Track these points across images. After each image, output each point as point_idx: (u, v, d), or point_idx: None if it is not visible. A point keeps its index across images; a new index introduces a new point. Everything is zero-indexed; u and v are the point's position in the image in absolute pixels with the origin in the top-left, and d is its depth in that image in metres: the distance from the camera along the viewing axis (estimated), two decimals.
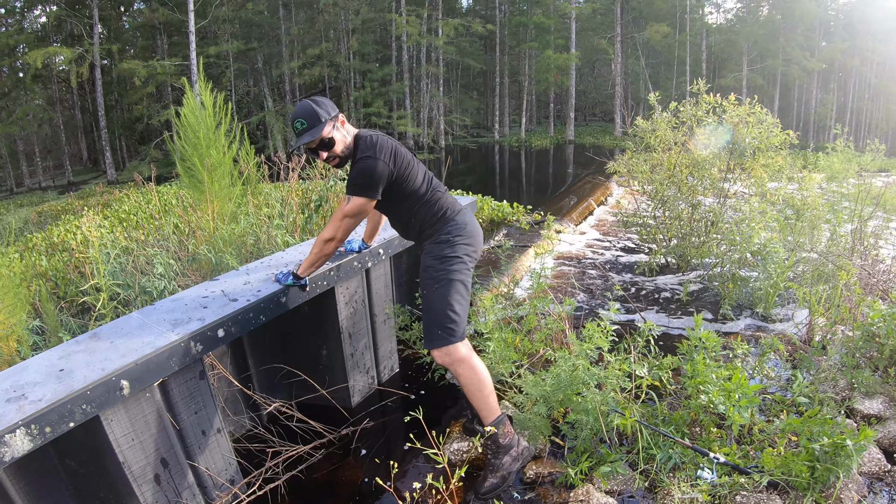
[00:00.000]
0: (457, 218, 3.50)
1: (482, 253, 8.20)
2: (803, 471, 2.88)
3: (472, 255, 3.47)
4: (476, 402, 3.28)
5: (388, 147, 3.30)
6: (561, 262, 8.40)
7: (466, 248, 3.44)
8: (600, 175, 16.00)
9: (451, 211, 3.52)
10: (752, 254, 6.24)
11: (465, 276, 3.39)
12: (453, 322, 3.26)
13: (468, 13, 45.60)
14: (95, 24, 27.18)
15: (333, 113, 3.32)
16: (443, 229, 3.47)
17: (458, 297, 3.31)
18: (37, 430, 2.25)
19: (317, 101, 3.30)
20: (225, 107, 5.95)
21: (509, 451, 3.24)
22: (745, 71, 38.86)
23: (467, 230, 3.49)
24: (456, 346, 3.24)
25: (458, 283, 3.34)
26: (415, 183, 3.43)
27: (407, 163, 3.38)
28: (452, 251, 3.39)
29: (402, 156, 3.36)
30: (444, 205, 3.51)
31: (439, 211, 3.49)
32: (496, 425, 3.23)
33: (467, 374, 3.25)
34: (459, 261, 3.38)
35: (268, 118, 31.64)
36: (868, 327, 4.25)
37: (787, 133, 7.05)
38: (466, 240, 3.46)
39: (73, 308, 5.32)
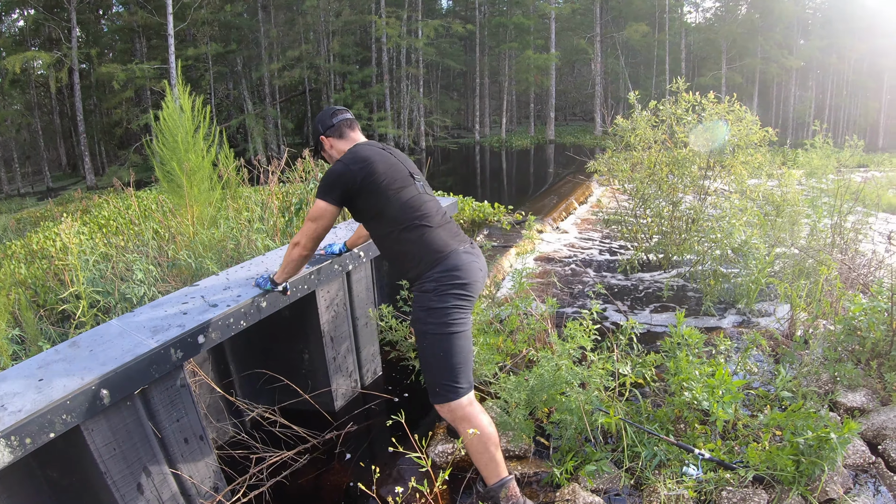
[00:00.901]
0: (447, 261, 3.06)
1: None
2: (788, 465, 2.91)
3: (465, 300, 3.06)
4: (478, 462, 3.02)
5: (364, 157, 3.12)
6: (543, 261, 8.42)
7: (457, 295, 3.04)
8: (581, 174, 16.07)
9: (441, 252, 3.08)
10: (733, 250, 6.29)
11: (458, 328, 3.01)
12: (450, 379, 2.98)
13: (448, 14, 45.61)
14: (74, 28, 26.93)
15: (322, 130, 3.38)
16: (429, 274, 3.08)
17: (452, 352, 2.99)
18: (17, 441, 2.22)
19: (319, 116, 3.42)
20: (203, 110, 5.92)
21: None
22: (724, 69, 39.16)
23: (459, 274, 3.05)
24: (458, 404, 2.97)
25: (450, 337, 2.99)
26: (390, 206, 3.11)
27: (384, 181, 3.09)
28: (440, 301, 3.01)
29: (379, 173, 3.09)
30: (432, 243, 3.09)
31: (426, 250, 3.09)
32: (499, 488, 2.98)
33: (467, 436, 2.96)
34: (447, 313, 3.00)
35: (248, 121, 31.48)
36: (849, 321, 4.30)
37: (766, 130, 7.11)
38: (457, 287, 3.04)
39: (52, 316, 5.27)
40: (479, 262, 3.19)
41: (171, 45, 25.10)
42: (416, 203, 3.14)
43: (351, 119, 3.42)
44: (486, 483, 3.02)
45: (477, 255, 3.22)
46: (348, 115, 3.42)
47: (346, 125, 3.38)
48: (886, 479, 3.20)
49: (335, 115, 3.39)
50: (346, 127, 3.38)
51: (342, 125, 3.37)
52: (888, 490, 3.13)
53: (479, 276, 3.15)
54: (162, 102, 5.75)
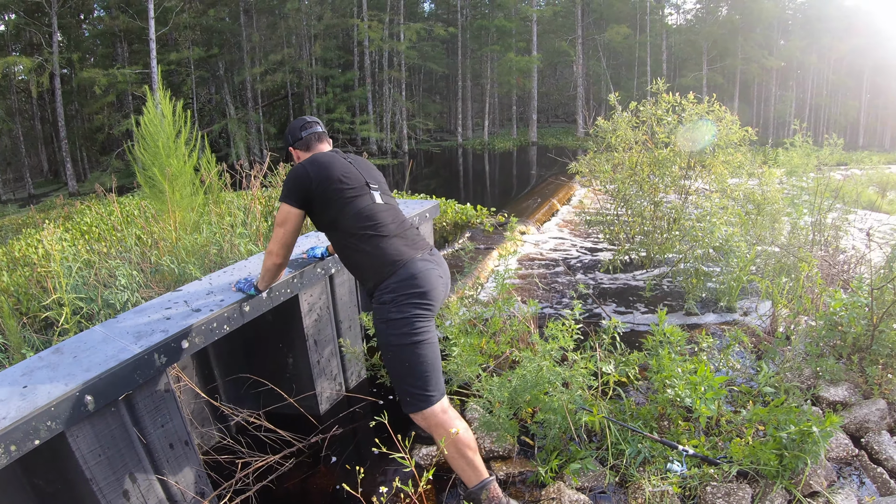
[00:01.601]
0: (402, 270, 3.06)
1: (447, 255, 8.24)
2: (772, 459, 2.94)
3: (425, 309, 3.05)
4: (457, 467, 3.04)
5: (321, 163, 3.20)
6: (525, 262, 8.45)
7: (416, 304, 3.03)
8: (563, 176, 16.14)
9: (396, 261, 3.08)
10: (714, 249, 6.34)
11: (420, 336, 3.00)
12: (419, 388, 3.00)
13: (430, 17, 45.73)
14: (55, 33, 26.72)
15: (291, 142, 3.53)
16: (385, 285, 3.08)
17: (418, 361, 3.00)
18: (2, 448, 2.20)
19: (290, 128, 3.55)
20: (185, 115, 5.91)
21: None
22: (704, 70, 39.46)
23: (416, 282, 3.05)
24: (431, 412, 3.00)
25: (413, 347, 2.99)
26: (343, 215, 3.15)
27: (337, 187, 3.14)
28: (398, 312, 3.01)
29: (333, 178, 3.15)
30: (385, 252, 3.10)
31: (380, 260, 3.10)
32: (479, 490, 3.00)
33: (445, 442, 2.98)
34: (407, 322, 3.00)
35: (230, 125, 31.35)
36: (830, 316, 4.35)
37: (746, 130, 7.18)
38: (415, 296, 3.04)
39: (35, 324, 5.24)
40: (438, 269, 3.19)
41: (153, 50, 24.98)
42: (369, 212, 3.16)
43: (319, 133, 3.52)
44: (467, 486, 3.05)
45: (436, 263, 3.21)
46: (317, 128, 3.52)
47: (314, 139, 3.49)
48: (870, 471, 3.25)
49: (304, 128, 3.49)
50: (313, 140, 3.48)
51: (310, 139, 3.48)
52: (872, 482, 3.18)
53: (438, 283, 3.14)
54: (143, 107, 5.73)
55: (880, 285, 4.24)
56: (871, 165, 22.17)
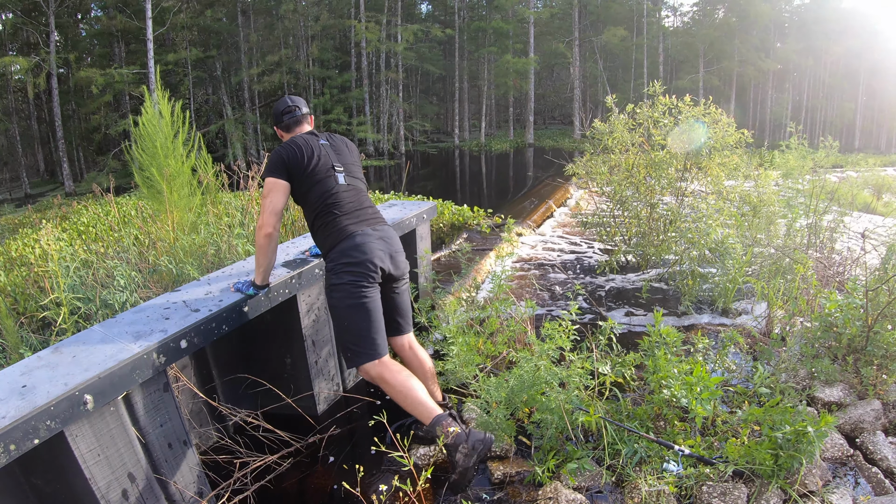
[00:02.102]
0: (343, 243, 3.54)
1: (444, 257, 8.26)
2: (767, 459, 2.96)
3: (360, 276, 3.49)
4: (409, 409, 3.43)
5: (297, 145, 3.65)
6: (522, 264, 8.47)
7: (351, 272, 3.47)
8: (560, 177, 16.14)
9: (341, 235, 3.56)
10: (710, 250, 6.36)
11: (356, 300, 3.46)
12: (355, 345, 3.49)
13: (427, 18, 45.74)
14: (52, 32, 26.64)
15: (276, 122, 4.00)
16: (330, 255, 3.60)
17: (354, 321, 3.47)
18: (1, 448, 2.21)
19: (275, 107, 4.00)
20: (183, 115, 5.92)
21: (457, 448, 3.26)
22: (701, 72, 39.52)
23: (353, 253, 3.51)
24: (370, 366, 3.48)
25: (349, 309, 3.47)
26: (311, 193, 3.65)
27: (308, 168, 3.61)
28: (337, 278, 3.50)
29: (305, 160, 3.61)
30: (336, 227, 3.59)
31: (330, 233, 3.61)
32: (433, 426, 3.33)
33: (387, 389, 3.48)
34: (343, 288, 3.47)
35: (227, 126, 31.32)
36: (826, 318, 4.37)
37: (742, 132, 7.21)
38: (350, 265, 3.48)
39: (33, 324, 5.23)
40: (378, 243, 3.60)
41: (150, 50, 24.94)
42: (330, 192, 3.64)
43: (299, 117, 3.96)
44: (424, 424, 3.42)
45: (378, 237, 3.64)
46: (297, 113, 3.95)
47: (294, 122, 3.95)
48: (865, 470, 3.27)
49: (285, 112, 3.95)
50: (293, 124, 3.95)
51: (290, 122, 3.94)
52: (867, 482, 3.20)
53: (376, 252, 3.55)
54: (141, 108, 5.74)
55: (875, 287, 4.27)
56: (866, 168, 22.20)
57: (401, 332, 3.92)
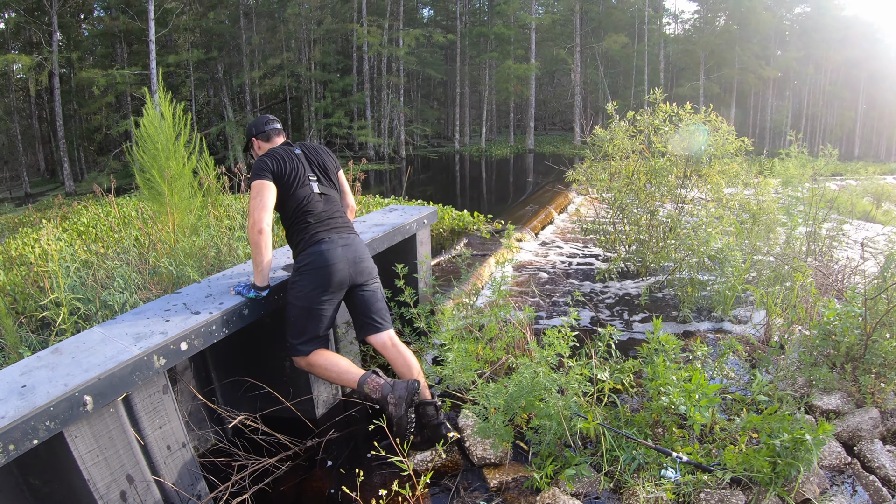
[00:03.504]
0: (309, 249, 3.79)
1: (444, 262, 8.26)
2: (765, 466, 2.96)
3: (317, 281, 3.75)
4: (336, 381, 3.84)
5: (278, 154, 3.89)
6: (522, 270, 8.47)
7: (310, 277, 3.74)
8: (560, 184, 16.13)
9: (309, 241, 3.81)
10: (709, 258, 6.36)
11: (307, 302, 3.75)
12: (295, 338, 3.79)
13: (429, 23, 45.80)
14: (55, 32, 26.66)
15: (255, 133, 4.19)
16: (297, 257, 3.87)
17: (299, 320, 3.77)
18: (0, 447, 2.23)
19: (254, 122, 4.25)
20: (185, 117, 5.92)
21: (387, 400, 3.52)
22: (702, 80, 39.60)
23: (315, 261, 3.75)
24: (300, 358, 3.83)
25: (300, 309, 3.76)
26: (288, 200, 3.87)
27: (286, 177, 3.83)
28: (299, 280, 3.78)
29: (284, 170, 3.84)
30: (306, 234, 3.83)
31: (300, 239, 3.86)
32: (361, 386, 3.64)
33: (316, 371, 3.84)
34: (300, 289, 3.76)
35: (228, 128, 31.31)
36: (824, 326, 4.38)
37: (743, 140, 7.22)
38: (311, 271, 3.74)
39: (32, 323, 5.23)
40: (341, 251, 3.82)
41: (153, 51, 25.00)
42: (304, 201, 3.88)
43: (278, 129, 4.22)
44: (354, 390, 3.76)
45: (343, 245, 3.85)
46: (277, 125, 4.22)
47: (274, 133, 4.18)
48: (862, 479, 3.27)
49: (267, 123, 4.18)
50: (273, 134, 4.17)
51: (271, 132, 4.16)
52: (864, 490, 3.20)
53: (338, 261, 3.78)
54: (143, 109, 5.74)
55: (874, 295, 4.27)
56: (866, 176, 22.27)
57: (379, 330, 4.00)
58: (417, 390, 3.56)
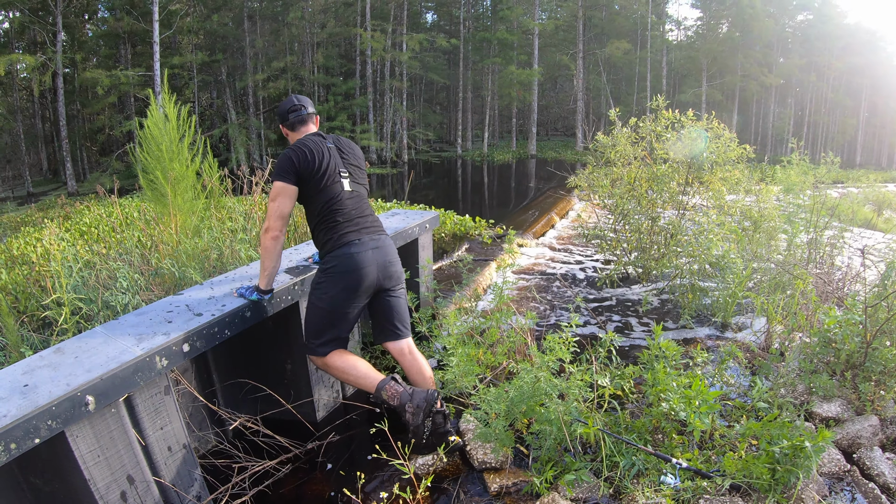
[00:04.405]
0: (338, 250, 3.68)
1: (446, 266, 8.27)
2: (764, 473, 2.97)
3: (346, 286, 3.68)
4: (354, 384, 3.80)
5: (308, 148, 3.70)
6: (523, 275, 8.48)
7: (337, 282, 3.67)
8: (562, 189, 16.15)
9: (338, 242, 3.69)
10: (710, 265, 6.37)
11: (330, 305, 3.70)
12: (314, 339, 3.75)
13: (432, 28, 45.85)
14: (59, 32, 26.66)
15: (281, 120, 4.05)
16: (325, 257, 3.76)
17: (320, 322, 3.74)
18: (2, 446, 2.21)
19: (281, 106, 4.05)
20: (189, 119, 5.94)
21: (404, 407, 3.50)
22: (704, 86, 39.62)
23: (344, 263, 3.66)
24: (317, 359, 3.80)
25: (322, 311, 3.72)
26: (317, 197, 3.73)
27: (316, 171, 3.67)
28: (326, 281, 3.70)
29: (312, 161, 3.67)
30: (335, 234, 3.70)
31: (328, 238, 3.73)
32: (379, 392, 3.63)
33: (333, 372, 3.79)
34: (326, 292, 3.69)
35: (231, 131, 31.32)
36: (825, 333, 4.38)
37: (744, 147, 7.23)
38: (339, 274, 3.66)
39: (33, 323, 5.24)
40: (371, 253, 3.72)
41: (157, 53, 25.02)
42: (334, 199, 3.73)
43: (304, 116, 3.99)
44: (372, 394, 3.72)
45: (374, 248, 3.75)
46: (303, 112, 3.98)
47: (299, 121, 3.97)
48: (861, 486, 3.28)
49: (291, 111, 3.97)
50: (298, 123, 3.97)
51: (295, 121, 3.96)
52: (863, 497, 3.21)
53: (367, 264, 3.69)
54: (147, 110, 5.75)
55: (874, 303, 4.28)
56: (867, 183, 22.26)
57: (398, 338, 3.96)
58: (436, 400, 3.52)
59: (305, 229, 7.04)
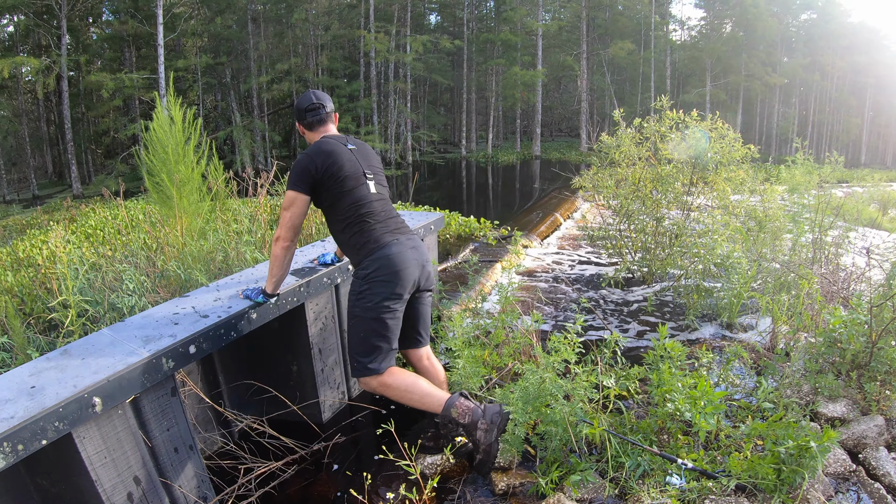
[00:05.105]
0: (378, 252, 3.50)
1: (451, 268, 8.27)
2: (770, 473, 2.96)
3: (392, 288, 3.49)
4: (417, 405, 3.56)
5: (326, 153, 3.53)
6: (528, 276, 8.48)
7: (385, 283, 3.47)
8: (566, 190, 16.12)
9: (376, 244, 3.52)
10: (715, 265, 6.36)
11: (378, 313, 3.48)
12: (365, 357, 3.52)
13: (436, 30, 45.87)
14: (63, 35, 26.77)
15: (298, 118, 3.83)
16: (362, 262, 3.56)
17: (370, 335, 3.50)
18: (9, 447, 2.22)
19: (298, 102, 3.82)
20: (194, 122, 5.95)
21: (476, 425, 3.35)
22: (708, 86, 39.58)
23: (388, 263, 3.48)
24: (372, 379, 3.55)
25: (370, 322, 3.48)
26: (341, 202, 3.56)
27: (339, 175, 3.52)
28: (369, 289, 3.49)
29: (334, 165, 3.51)
30: (371, 236, 3.54)
31: (363, 242, 3.55)
32: (448, 410, 3.41)
33: (391, 393, 3.56)
34: (372, 300, 3.47)
35: (235, 133, 31.40)
36: (830, 333, 4.37)
37: (749, 147, 7.22)
38: (383, 277, 3.47)
39: (39, 325, 5.26)
40: (412, 252, 3.59)
41: (161, 56, 25.10)
42: (363, 201, 3.59)
43: (323, 115, 3.79)
44: (437, 415, 3.50)
45: (411, 246, 3.62)
46: (321, 112, 3.78)
47: (317, 121, 3.78)
48: (867, 486, 3.27)
49: (308, 110, 3.76)
50: (316, 123, 3.77)
51: (313, 122, 3.77)
52: (869, 497, 3.20)
53: (410, 263, 3.54)
54: (152, 113, 5.77)
55: (879, 303, 4.27)
56: (872, 183, 22.23)
57: (419, 345, 3.95)
58: (508, 417, 3.41)
59: (309, 232, 7.06)
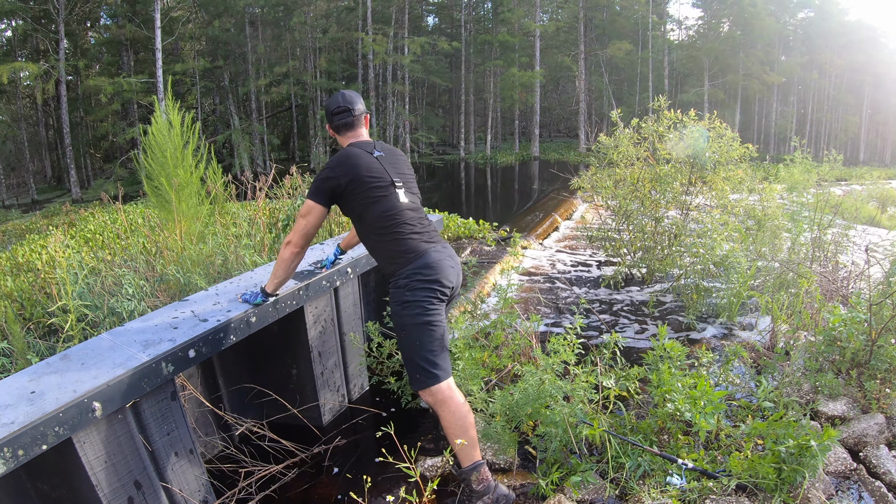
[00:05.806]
0: (418, 260, 3.36)
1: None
2: (770, 472, 2.96)
3: (435, 293, 3.34)
4: (454, 442, 3.25)
5: (351, 165, 3.39)
6: (527, 277, 8.48)
7: (427, 289, 3.32)
8: (565, 191, 16.13)
9: (414, 253, 3.38)
10: (715, 264, 6.36)
11: (429, 317, 3.30)
12: (428, 365, 3.27)
13: (434, 31, 45.90)
14: (61, 40, 26.74)
15: (327, 121, 3.68)
16: (401, 272, 3.38)
17: (427, 340, 3.29)
18: (9, 452, 2.23)
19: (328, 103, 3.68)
20: (192, 126, 5.95)
21: (482, 497, 3.21)
22: (706, 86, 39.60)
23: (429, 271, 3.35)
24: (437, 388, 3.25)
25: (424, 327, 3.29)
26: (369, 212, 3.40)
27: (365, 188, 3.37)
28: (412, 296, 3.31)
29: (362, 181, 3.36)
30: (408, 245, 3.39)
31: (401, 251, 3.39)
32: (471, 471, 3.21)
33: (447, 417, 3.24)
34: (419, 305, 3.29)
35: (234, 136, 31.41)
36: (830, 332, 4.37)
37: (747, 147, 7.23)
38: (427, 282, 3.33)
39: (39, 330, 5.26)
40: (450, 260, 3.46)
41: (159, 60, 25.12)
42: (393, 211, 3.41)
43: (351, 120, 3.63)
44: (461, 465, 3.26)
45: (448, 254, 3.49)
46: (349, 116, 3.61)
47: (344, 126, 3.62)
48: (868, 484, 3.27)
49: (336, 113, 3.61)
50: (343, 127, 3.62)
51: (340, 125, 3.61)
52: (870, 495, 3.20)
53: (449, 270, 3.42)
54: (150, 117, 5.77)
55: (879, 301, 4.28)
56: (871, 181, 22.22)
57: None
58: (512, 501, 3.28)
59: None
